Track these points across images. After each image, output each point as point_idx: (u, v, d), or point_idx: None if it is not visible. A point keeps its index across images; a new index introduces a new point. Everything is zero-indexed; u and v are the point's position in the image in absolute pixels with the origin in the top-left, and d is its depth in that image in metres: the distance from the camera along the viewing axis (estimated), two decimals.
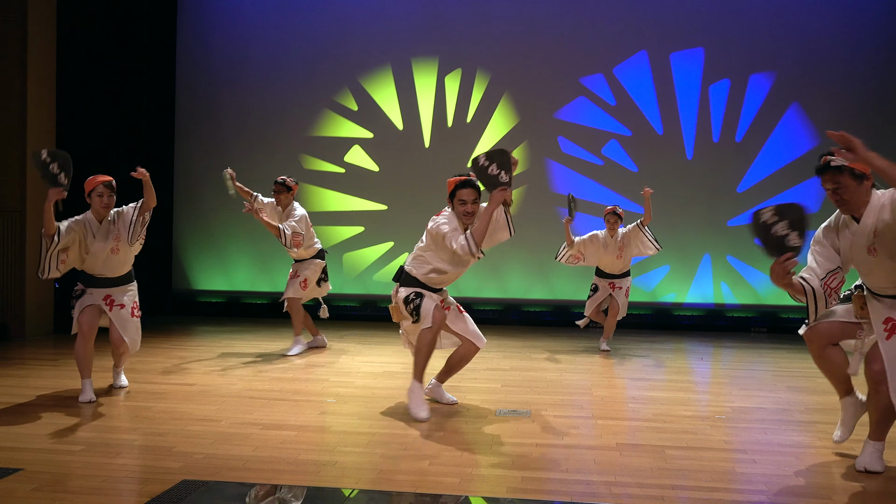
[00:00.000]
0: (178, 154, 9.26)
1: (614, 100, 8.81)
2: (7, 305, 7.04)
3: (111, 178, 4.72)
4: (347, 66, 9.06)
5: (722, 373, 6.19)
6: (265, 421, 4.15)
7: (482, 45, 8.91)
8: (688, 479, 3.31)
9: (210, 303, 9.19)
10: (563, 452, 3.68)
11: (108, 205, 4.66)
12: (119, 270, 4.74)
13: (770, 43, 8.62)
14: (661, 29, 8.73)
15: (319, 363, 6.05)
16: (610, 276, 6.84)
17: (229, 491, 3.08)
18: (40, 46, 7.18)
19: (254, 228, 9.15)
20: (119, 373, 5.00)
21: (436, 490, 3.12)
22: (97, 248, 4.65)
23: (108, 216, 4.71)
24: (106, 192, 4.64)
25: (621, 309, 6.81)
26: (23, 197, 7.05)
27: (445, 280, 4.44)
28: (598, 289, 6.89)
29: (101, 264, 4.68)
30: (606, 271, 6.85)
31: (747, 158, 8.67)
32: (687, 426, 4.21)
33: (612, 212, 6.75)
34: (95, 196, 4.64)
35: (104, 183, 4.66)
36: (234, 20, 9.19)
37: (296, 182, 6.67)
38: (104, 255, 4.66)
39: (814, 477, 3.39)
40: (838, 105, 8.53)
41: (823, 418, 4.46)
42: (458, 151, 8.95)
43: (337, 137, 9.11)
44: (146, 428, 3.99)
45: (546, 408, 4.59)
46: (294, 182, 6.61)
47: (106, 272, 4.71)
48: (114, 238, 4.66)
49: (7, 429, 3.92)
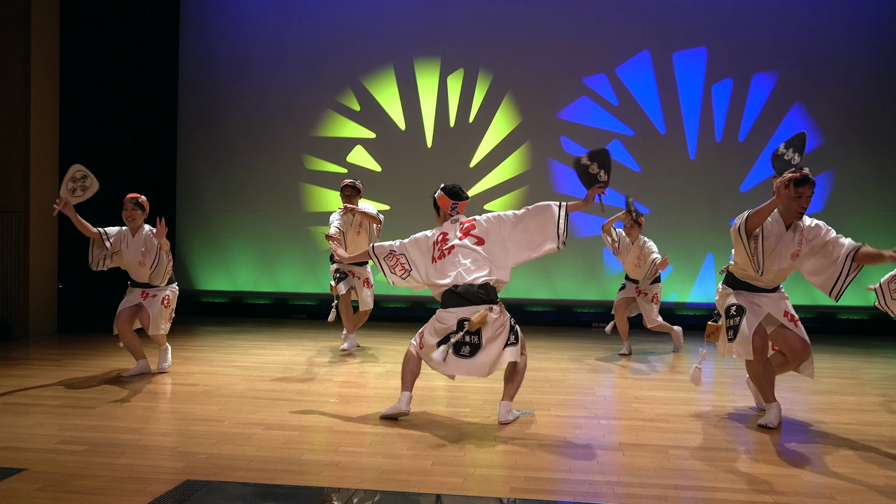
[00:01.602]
0: (180, 154, 9.28)
1: (617, 100, 8.80)
2: (11, 305, 7.06)
3: (138, 196, 5.38)
4: (350, 67, 9.07)
5: (725, 372, 6.18)
6: (268, 421, 4.15)
7: (484, 45, 8.91)
8: (691, 478, 3.31)
9: (213, 303, 9.21)
10: (566, 452, 3.68)
11: (131, 217, 5.31)
12: (148, 279, 5.39)
13: (773, 42, 8.61)
14: (663, 29, 8.73)
15: (322, 363, 6.05)
16: (633, 281, 6.71)
17: (232, 491, 3.09)
18: (44, 48, 7.19)
19: (256, 229, 9.18)
20: (163, 353, 5.54)
21: (439, 490, 3.12)
22: (128, 258, 5.36)
23: (141, 230, 5.36)
24: (129, 205, 5.31)
25: (645, 316, 6.64)
26: (26, 198, 7.06)
27: None
28: (625, 287, 6.74)
29: (133, 271, 5.41)
30: (632, 277, 6.71)
31: (750, 158, 8.66)
32: (690, 426, 4.21)
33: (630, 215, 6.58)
34: (123, 210, 5.33)
35: (130, 199, 5.34)
36: (237, 21, 9.21)
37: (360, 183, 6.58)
38: (134, 265, 5.35)
39: (817, 476, 3.39)
40: (841, 104, 8.53)
41: (826, 418, 4.46)
42: (460, 151, 8.96)
43: (339, 138, 9.12)
44: (150, 428, 3.99)
45: (549, 408, 4.59)
46: (360, 183, 6.53)
47: (137, 278, 5.42)
48: (141, 253, 5.31)
49: (11, 429, 3.93)
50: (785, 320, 4.21)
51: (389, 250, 4.40)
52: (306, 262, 9.12)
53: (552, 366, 6.10)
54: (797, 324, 4.24)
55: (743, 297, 4.21)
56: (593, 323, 8.68)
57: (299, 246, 9.13)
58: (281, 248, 9.18)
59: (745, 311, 4.15)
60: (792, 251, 4.06)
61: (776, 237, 4.06)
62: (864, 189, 8.52)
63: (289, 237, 9.15)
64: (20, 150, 7.04)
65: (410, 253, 4.37)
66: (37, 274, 7.16)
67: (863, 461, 3.62)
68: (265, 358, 6.23)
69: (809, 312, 8.63)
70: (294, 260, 9.16)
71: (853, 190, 8.53)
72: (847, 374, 5.95)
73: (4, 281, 7.06)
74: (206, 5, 9.26)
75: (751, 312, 4.14)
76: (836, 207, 8.53)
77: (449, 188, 4.42)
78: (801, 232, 4.07)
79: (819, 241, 4.07)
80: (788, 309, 4.26)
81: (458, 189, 4.43)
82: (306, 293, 9.12)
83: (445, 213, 4.42)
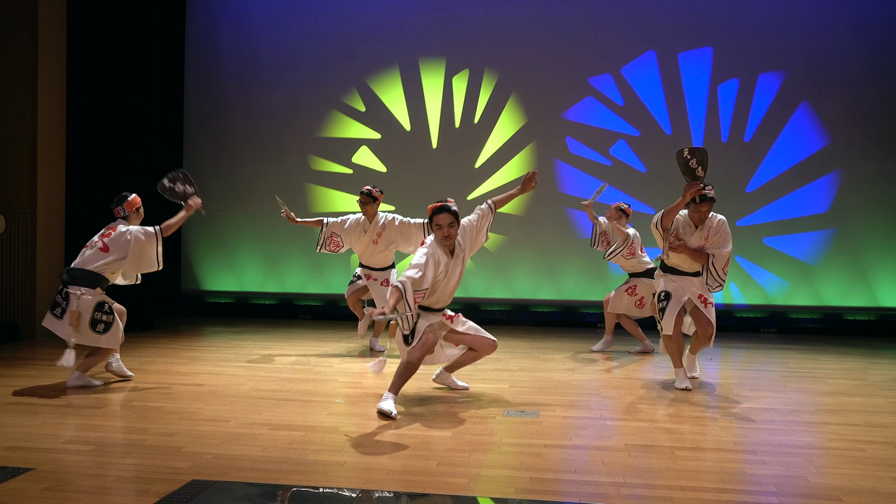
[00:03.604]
0: (187, 155, 9.29)
1: (622, 100, 8.79)
2: (18, 306, 7.08)
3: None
4: (355, 67, 9.07)
5: (731, 374, 6.16)
6: (274, 421, 4.16)
7: (490, 45, 8.91)
8: (697, 480, 3.30)
9: (219, 303, 9.22)
10: (571, 453, 3.67)
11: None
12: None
13: (779, 42, 8.58)
14: (669, 29, 8.71)
15: (327, 364, 6.06)
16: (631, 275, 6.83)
17: (238, 491, 3.09)
18: (51, 49, 7.22)
19: (262, 229, 9.19)
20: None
21: (444, 490, 3.12)
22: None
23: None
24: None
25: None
26: (33, 198, 7.09)
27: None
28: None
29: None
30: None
31: (756, 158, 8.64)
32: (696, 427, 4.20)
33: (617, 208, 6.72)
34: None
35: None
36: (243, 22, 9.22)
37: (380, 191, 6.54)
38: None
39: (824, 478, 3.37)
40: (847, 104, 8.50)
41: (833, 419, 4.44)
42: (465, 152, 8.96)
43: (345, 138, 9.13)
44: (155, 428, 4.00)
45: (554, 408, 4.58)
46: (379, 191, 6.50)
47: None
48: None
49: (18, 429, 3.94)
50: (698, 302, 5.14)
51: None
52: (312, 263, 9.13)
53: (557, 366, 6.09)
54: (707, 305, 5.14)
55: (672, 282, 5.20)
56: (598, 323, 8.66)
57: (305, 246, 9.13)
58: (287, 248, 9.19)
59: (671, 296, 5.13)
60: (698, 245, 5.11)
61: (684, 232, 5.13)
62: (871, 189, 8.48)
63: (294, 238, 9.15)
64: (27, 151, 7.07)
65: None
66: (44, 274, 7.18)
67: (870, 463, 3.60)
68: (271, 358, 6.23)
69: (816, 313, 8.61)
70: (300, 260, 9.17)
71: (859, 190, 8.49)
72: (854, 376, 5.93)
73: (12, 281, 7.08)
74: (212, 6, 9.28)
75: (674, 298, 5.13)
76: (842, 208, 8.50)
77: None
78: (707, 229, 5.11)
79: (717, 238, 5.15)
80: (704, 293, 5.18)
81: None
82: (312, 293, 9.13)
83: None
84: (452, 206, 4.54)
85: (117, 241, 4.96)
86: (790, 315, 8.62)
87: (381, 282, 6.49)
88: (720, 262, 5.11)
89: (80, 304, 4.79)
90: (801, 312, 8.60)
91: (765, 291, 8.62)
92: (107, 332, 4.86)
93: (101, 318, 4.84)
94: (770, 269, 8.62)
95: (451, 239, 4.53)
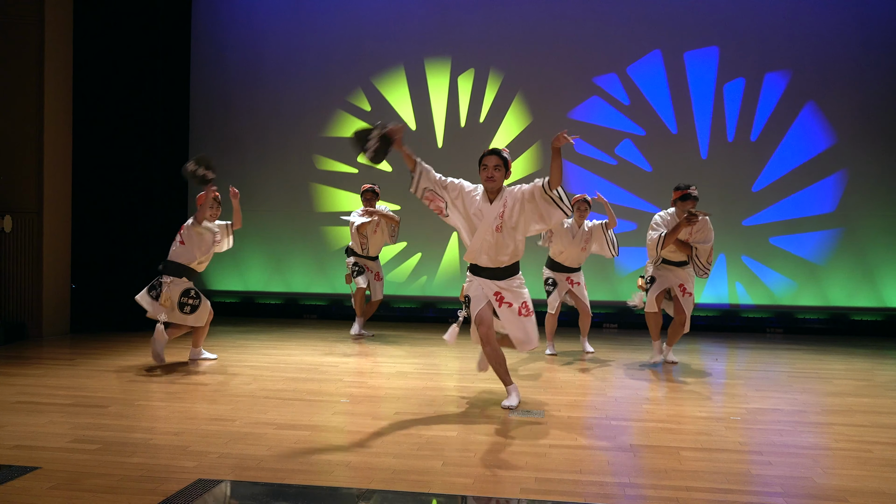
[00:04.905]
0: (192, 154, 9.30)
1: (628, 99, 8.78)
2: (25, 305, 7.11)
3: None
4: (360, 67, 9.08)
5: (737, 374, 6.15)
6: (279, 421, 4.17)
7: (495, 44, 8.90)
8: (703, 480, 3.29)
9: (224, 303, 9.23)
10: (576, 453, 3.67)
11: (213, 215, 6.13)
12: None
13: (785, 41, 8.56)
14: (675, 28, 8.69)
15: (333, 363, 6.07)
16: (568, 269, 6.63)
17: (244, 490, 3.10)
18: (57, 49, 7.24)
19: (267, 229, 9.20)
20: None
21: (448, 490, 3.12)
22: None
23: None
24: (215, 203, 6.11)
25: (587, 307, 6.69)
26: (39, 198, 7.11)
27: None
28: (557, 284, 6.64)
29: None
30: (566, 264, 6.62)
31: (762, 158, 8.62)
32: (702, 427, 4.19)
33: (582, 199, 6.60)
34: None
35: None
36: (248, 21, 9.24)
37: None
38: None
39: (830, 479, 3.36)
40: (854, 104, 8.47)
41: (840, 420, 4.43)
42: (471, 151, 8.91)
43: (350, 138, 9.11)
44: (161, 427, 4.01)
45: (559, 408, 4.58)
46: (378, 188, 7.49)
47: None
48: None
49: (24, 428, 3.96)
50: (678, 291, 6.02)
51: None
52: (317, 263, 9.14)
53: (563, 367, 6.08)
54: (685, 295, 6.01)
55: (660, 270, 6.09)
56: (604, 324, 8.65)
57: (310, 246, 9.16)
58: (292, 248, 9.21)
59: (655, 280, 6.06)
60: (684, 238, 5.95)
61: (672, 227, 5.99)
62: (877, 189, 8.46)
63: (300, 237, 9.17)
64: (33, 151, 7.09)
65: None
66: (50, 274, 7.21)
67: (877, 464, 3.59)
68: (276, 358, 6.24)
69: (822, 314, 8.58)
70: (305, 260, 9.19)
71: (866, 190, 8.46)
72: (861, 376, 5.91)
73: (18, 281, 7.11)
74: (217, 7, 9.30)
75: (658, 283, 6.05)
76: (849, 208, 8.47)
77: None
78: (689, 231, 5.93)
79: (701, 234, 6.01)
80: (685, 283, 6.02)
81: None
82: (317, 293, 9.14)
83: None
84: (505, 152, 4.64)
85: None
86: (796, 315, 8.60)
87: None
88: (703, 254, 5.92)
89: (170, 289, 5.65)
90: (808, 313, 8.57)
91: (771, 291, 8.59)
92: (193, 312, 5.72)
93: (188, 301, 5.70)
94: (776, 269, 8.59)
95: (493, 181, 4.56)
